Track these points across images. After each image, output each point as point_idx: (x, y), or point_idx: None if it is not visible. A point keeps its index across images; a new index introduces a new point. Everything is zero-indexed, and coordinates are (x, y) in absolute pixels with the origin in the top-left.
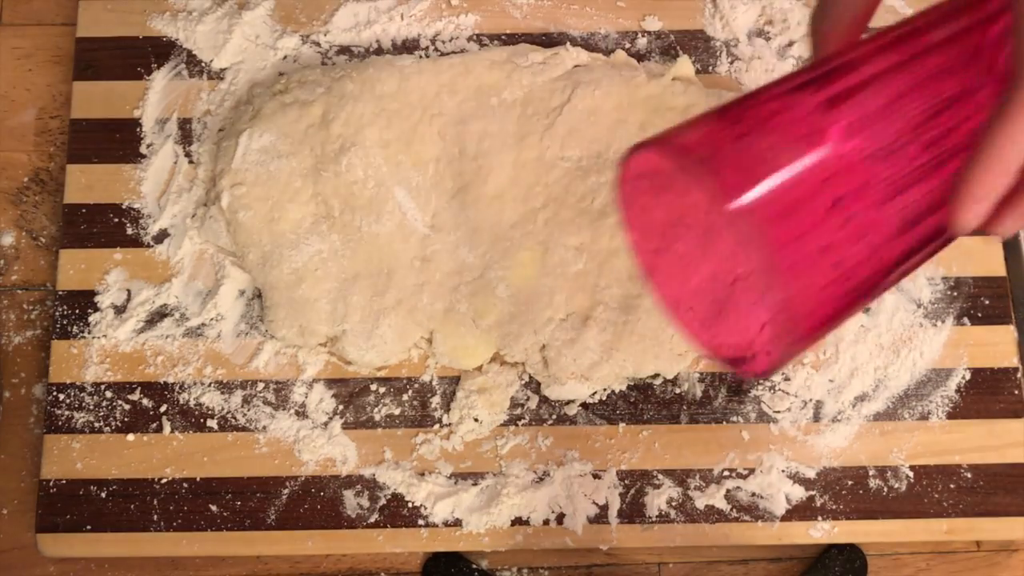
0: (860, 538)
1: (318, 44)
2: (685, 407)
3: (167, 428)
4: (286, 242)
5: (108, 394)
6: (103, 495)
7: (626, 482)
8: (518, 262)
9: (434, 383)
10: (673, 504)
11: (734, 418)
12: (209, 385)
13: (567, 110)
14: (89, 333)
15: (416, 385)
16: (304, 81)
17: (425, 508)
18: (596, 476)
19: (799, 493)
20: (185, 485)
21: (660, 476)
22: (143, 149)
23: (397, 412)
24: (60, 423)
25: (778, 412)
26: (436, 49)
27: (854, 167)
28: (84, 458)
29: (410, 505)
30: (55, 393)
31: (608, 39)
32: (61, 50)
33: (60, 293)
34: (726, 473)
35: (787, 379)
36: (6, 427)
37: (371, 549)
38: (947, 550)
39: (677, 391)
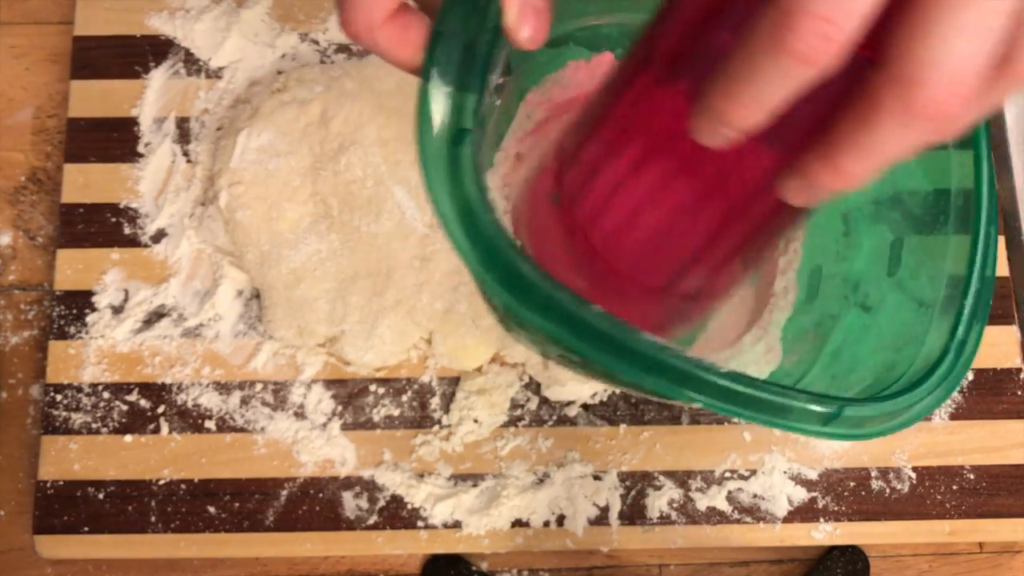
0: (862, 539)
1: (317, 42)
2: (686, 408)
3: (165, 429)
4: (284, 241)
5: (106, 395)
6: (101, 496)
7: (627, 483)
8: None
9: (433, 384)
10: (674, 506)
11: (735, 419)
12: (207, 386)
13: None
14: (87, 333)
15: (415, 386)
16: (303, 79)
17: (424, 510)
18: (597, 477)
19: (801, 494)
20: (183, 486)
21: (661, 477)
22: (141, 148)
23: (396, 413)
24: (57, 424)
25: None
26: None
27: None
28: (82, 459)
29: (409, 507)
30: (52, 394)
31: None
32: (58, 49)
33: (57, 293)
34: (727, 474)
35: None
36: (3, 428)
37: (370, 551)
38: (950, 551)
39: None
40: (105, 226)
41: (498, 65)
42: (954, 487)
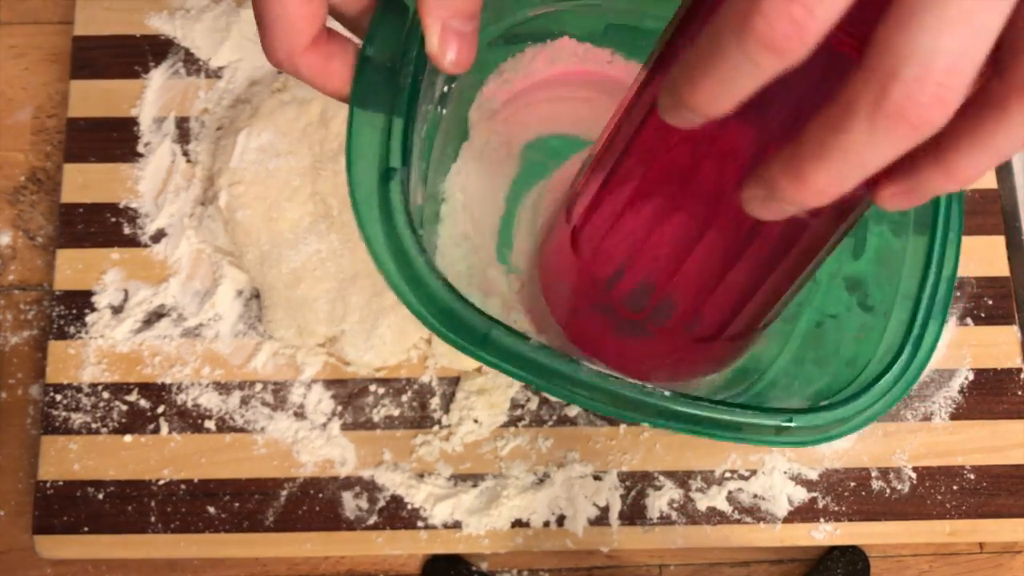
0: (862, 540)
1: None
2: None
3: (165, 429)
4: (284, 241)
5: (105, 395)
6: (100, 496)
7: (627, 484)
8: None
9: (433, 384)
10: (674, 506)
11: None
12: (207, 386)
13: None
14: (86, 333)
15: (415, 386)
16: None
17: (424, 510)
18: (597, 478)
19: (801, 495)
20: (183, 486)
21: (661, 478)
22: (140, 148)
23: (396, 413)
24: (57, 424)
25: None
26: None
27: None
28: (81, 459)
29: (409, 507)
30: (52, 394)
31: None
32: (58, 48)
33: (57, 293)
34: (728, 474)
35: None
36: (3, 428)
37: (370, 551)
38: (950, 552)
39: None
40: (105, 226)
41: (436, 83)
42: (954, 487)
